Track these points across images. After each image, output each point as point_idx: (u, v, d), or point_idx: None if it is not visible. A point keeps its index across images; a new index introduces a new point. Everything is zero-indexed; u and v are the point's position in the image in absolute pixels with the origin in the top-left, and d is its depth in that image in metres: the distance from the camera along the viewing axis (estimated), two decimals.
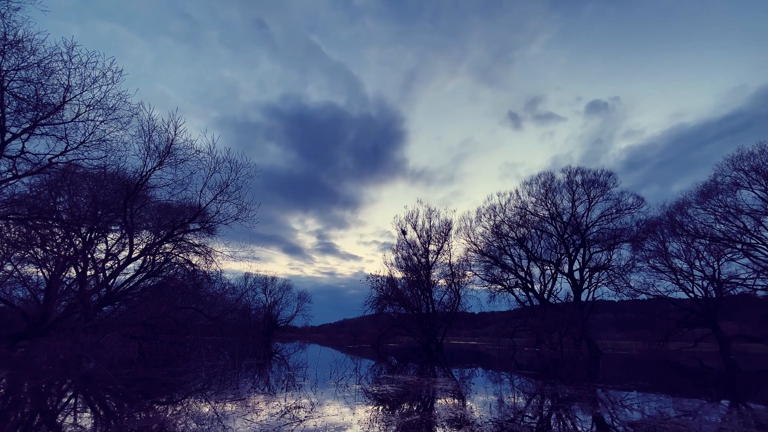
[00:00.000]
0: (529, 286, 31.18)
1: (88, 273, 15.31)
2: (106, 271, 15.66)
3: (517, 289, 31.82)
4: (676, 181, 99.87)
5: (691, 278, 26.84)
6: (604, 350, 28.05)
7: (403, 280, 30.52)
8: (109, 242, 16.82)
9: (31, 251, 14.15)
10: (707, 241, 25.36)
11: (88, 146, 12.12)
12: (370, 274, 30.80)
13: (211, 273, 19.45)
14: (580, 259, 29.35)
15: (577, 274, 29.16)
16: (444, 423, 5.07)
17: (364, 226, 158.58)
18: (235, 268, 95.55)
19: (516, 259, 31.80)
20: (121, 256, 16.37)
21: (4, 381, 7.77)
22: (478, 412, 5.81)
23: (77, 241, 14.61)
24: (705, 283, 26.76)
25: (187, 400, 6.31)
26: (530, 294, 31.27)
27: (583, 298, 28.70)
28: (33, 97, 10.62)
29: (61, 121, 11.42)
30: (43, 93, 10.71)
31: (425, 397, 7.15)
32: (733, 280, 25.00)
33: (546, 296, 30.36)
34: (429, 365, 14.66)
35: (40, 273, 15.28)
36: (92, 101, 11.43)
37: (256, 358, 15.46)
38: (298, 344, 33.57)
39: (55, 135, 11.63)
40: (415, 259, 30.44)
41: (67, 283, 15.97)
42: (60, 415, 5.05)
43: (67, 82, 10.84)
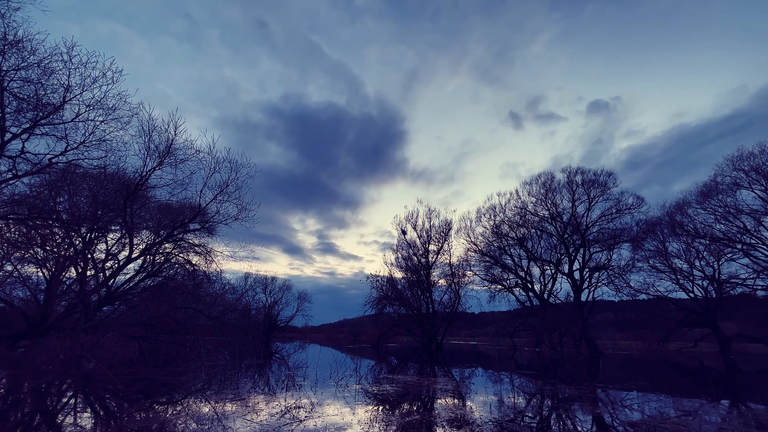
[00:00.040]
0: (529, 286, 31.22)
1: (88, 273, 15.32)
2: (106, 271, 15.67)
3: (517, 289, 31.89)
4: (677, 181, 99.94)
5: (691, 278, 26.87)
6: (604, 350, 28.04)
7: (403, 280, 30.57)
8: (109, 242, 16.85)
9: (31, 251, 14.16)
10: (707, 241, 25.38)
11: (88, 146, 12.14)
12: (370, 274, 30.86)
13: (211, 273, 19.48)
14: (580, 259, 29.41)
15: (577, 274, 29.22)
16: (444, 423, 5.07)
17: (365, 226, 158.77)
18: (235, 268, 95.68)
19: (516, 259, 31.86)
20: (121, 256, 16.41)
21: (4, 381, 7.77)
22: (478, 412, 5.81)
23: (77, 241, 14.61)
24: (705, 283, 26.80)
25: (187, 400, 6.31)
26: (530, 294, 31.32)
27: (583, 298, 28.73)
28: (33, 97, 10.63)
29: (61, 121, 11.42)
30: (43, 93, 10.72)
31: (425, 397, 7.15)
32: (733, 280, 25.03)
33: (546, 296, 30.38)
34: (429, 365, 14.66)
35: (40, 273, 15.30)
36: (92, 101, 11.45)
37: (256, 358, 15.46)
38: (298, 344, 33.56)
39: (55, 135, 11.64)
40: (415, 259, 30.48)
41: (67, 283, 15.97)
42: (60, 415, 5.05)
43: (67, 82, 10.85)
